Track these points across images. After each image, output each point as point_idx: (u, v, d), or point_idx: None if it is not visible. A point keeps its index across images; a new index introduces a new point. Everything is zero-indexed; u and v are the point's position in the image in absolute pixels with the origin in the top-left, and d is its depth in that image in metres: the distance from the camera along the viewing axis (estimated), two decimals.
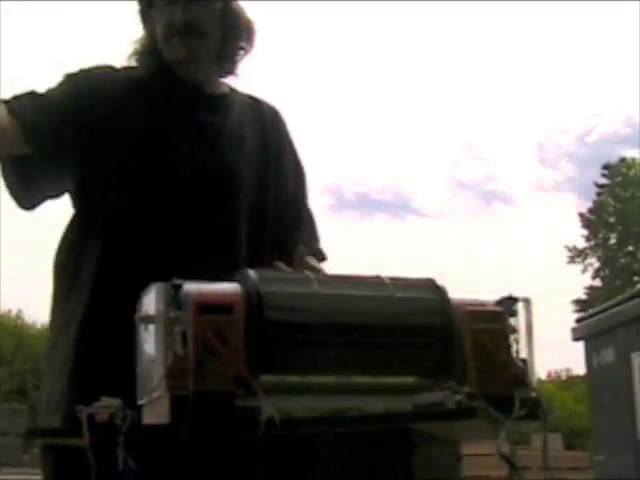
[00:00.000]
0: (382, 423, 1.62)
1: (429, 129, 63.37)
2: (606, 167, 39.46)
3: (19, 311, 33.16)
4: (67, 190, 2.27)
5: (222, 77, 2.38)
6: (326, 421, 1.62)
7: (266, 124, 2.42)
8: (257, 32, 2.37)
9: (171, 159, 2.23)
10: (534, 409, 1.58)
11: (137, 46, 2.33)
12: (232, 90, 2.41)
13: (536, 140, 62.32)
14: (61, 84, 2.27)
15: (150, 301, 1.54)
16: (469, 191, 70.99)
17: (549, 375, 38.29)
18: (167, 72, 2.30)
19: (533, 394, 1.61)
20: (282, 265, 2.10)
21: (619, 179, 38.59)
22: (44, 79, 2.30)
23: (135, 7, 2.34)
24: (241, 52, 2.36)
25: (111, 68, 2.34)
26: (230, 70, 2.37)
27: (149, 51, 2.30)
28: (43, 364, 2.38)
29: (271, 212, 2.35)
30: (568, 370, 38.50)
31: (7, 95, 2.18)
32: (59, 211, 2.32)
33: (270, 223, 2.34)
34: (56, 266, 2.29)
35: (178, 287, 1.50)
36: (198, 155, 2.25)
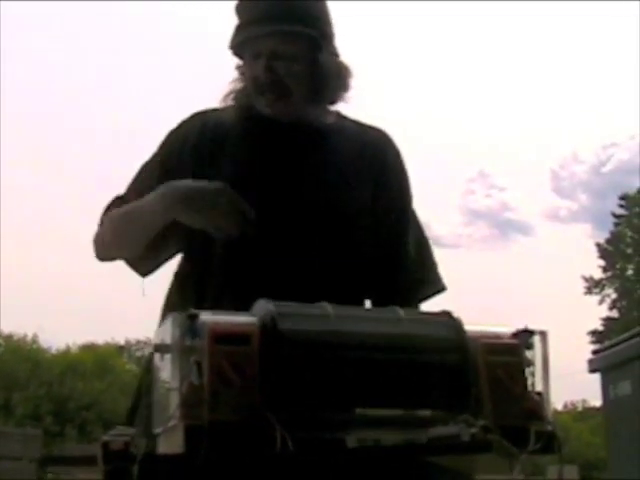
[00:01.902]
0: (397, 455, 1.62)
1: (442, 156, 63.41)
2: (623, 198, 39.35)
3: (35, 336, 33.28)
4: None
5: (325, 111, 2.35)
6: (341, 452, 1.62)
7: (368, 151, 2.35)
8: (352, 74, 2.32)
9: (270, 199, 2.23)
10: (549, 443, 1.58)
11: (233, 86, 2.33)
12: (339, 117, 2.38)
13: (550, 169, 62.31)
14: (160, 145, 2.35)
15: (166, 330, 1.55)
16: (483, 220, 70.92)
17: (565, 406, 38.13)
18: (259, 115, 2.29)
19: (549, 427, 1.60)
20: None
21: (637, 210, 38.47)
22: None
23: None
24: (338, 92, 2.32)
25: (205, 112, 2.36)
26: (334, 102, 2.34)
27: (244, 95, 2.30)
28: None
29: (370, 241, 2.31)
30: (584, 401, 38.34)
31: None
32: (74, 239, 2.34)
33: (369, 253, 2.31)
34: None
35: (194, 317, 1.50)
36: (297, 190, 2.24)
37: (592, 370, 5.56)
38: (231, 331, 1.49)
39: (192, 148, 2.29)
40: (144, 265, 2.32)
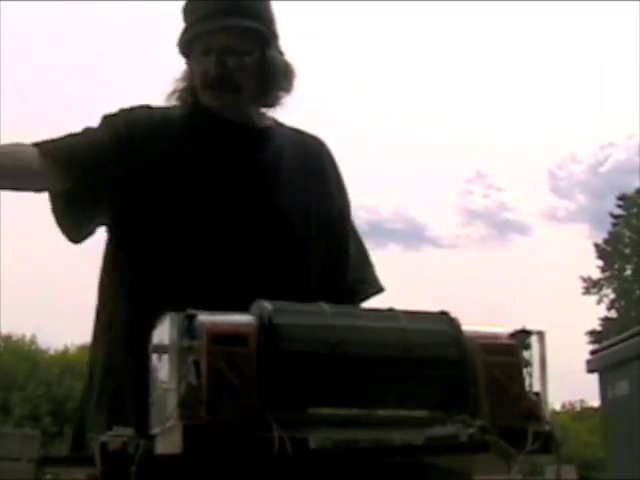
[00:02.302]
0: (394, 455, 1.62)
1: (439, 157, 63.43)
2: (621, 198, 39.38)
3: (33, 336, 33.28)
4: (104, 223, 2.30)
5: (265, 114, 2.38)
6: (339, 453, 1.62)
7: (308, 157, 2.42)
8: (297, 74, 2.36)
9: (215, 196, 2.25)
10: (547, 443, 1.58)
11: (178, 85, 2.34)
12: (276, 123, 2.41)
13: (547, 169, 62.33)
14: (100, 124, 2.30)
15: (164, 330, 1.55)
16: (481, 220, 70.97)
17: (563, 406, 38.14)
18: (207, 112, 2.31)
19: (546, 427, 1.60)
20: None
21: (635, 210, 38.49)
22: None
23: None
24: (281, 93, 2.35)
25: (149, 107, 2.36)
26: (272, 105, 2.37)
27: (190, 93, 2.31)
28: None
29: (315, 245, 2.35)
30: (582, 401, 38.36)
31: None
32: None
33: (315, 256, 2.35)
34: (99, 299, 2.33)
35: (192, 317, 1.50)
36: (242, 190, 2.27)
37: (590, 370, 5.56)
38: (229, 331, 1.49)
39: (147, 140, 2.27)
40: (76, 232, 2.28)
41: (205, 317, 1.51)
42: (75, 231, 2.26)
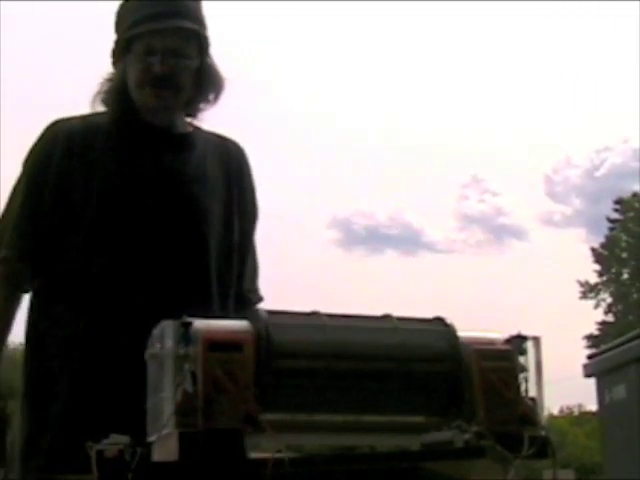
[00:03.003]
0: (391, 461, 1.62)
1: (435, 162, 63.42)
2: (618, 202, 39.35)
3: None
4: None
5: (186, 120, 2.41)
6: (336, 459, 1.62)
7: (230, 161, 2.45)
8: (225, 88, 2.39)
9: (138, 201, 2.27)
10: (543, 447, 1.58)
11: (106, 85, 2.34)
12: (196, 129, 2.43)
13: (543, 173, 62.31)
14: (20, 175, 2.35)
15: (160, 338, 1.55)
16: (477, 225, 70.98)
17: (561, 411, 38.09)
18: (132, 115, 2.32)
19: (542, 432, 1.61)
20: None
21: (631, 214, 38.47)
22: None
23: (109, 43, 2.35)
24: (208, 103, 2.39)
25: (71, 119, 2.37)
26: (193, 115, 2.41)
27: (118, 92, 2.31)
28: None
29: (236, 248, 2.39)
30: (580, 406, 38.31)
31: None
32: None
33: (236, 259, 2.39)
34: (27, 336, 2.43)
35: (188, 324, 1.50)
36: (164, 195, 2.29)
37: (587, 375, 5.55)
38: (224, 338, 1.49)
39: (58, 163, 2.30)
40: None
41: (201, 324, 1.51)
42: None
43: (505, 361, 1.62)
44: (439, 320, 1.68)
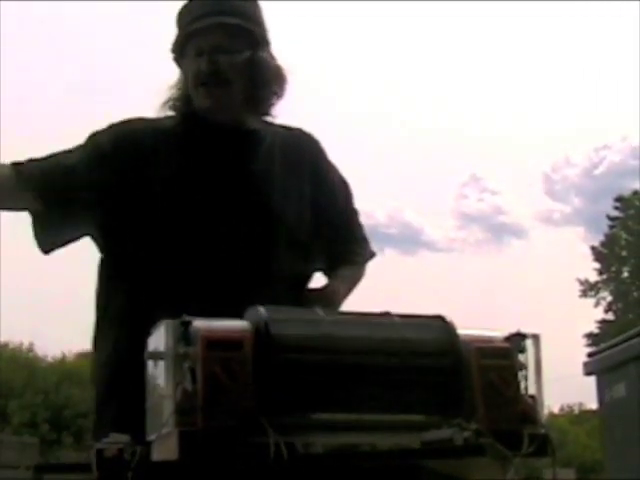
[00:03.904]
0: (391, 459, 1.62)
1: (434, 161, 63.42)
2: (618, 200, 39.36)
3: (31, 344, 33.19)
4: (89, 235, 2.34)
5: (255, 118, 2.40)
6: (335, 457, 1.62)
7: (302, 153, 2.46)
8: (287, 77, 2.40)
9: (203, 202, 2.29)
10: (543, 445, 1.58)
11: (172, 92, 2.38)
12: (265, 124, 2.43)
13: (542, 172, 62.30)
14: (85, 143, 2.34)
15: (160, 337, 1.55)
16: (477, 224, 70.96)
17: (562, 409, 38.09)
18: (197, 118, 2.35)
19: (542, 430, 1.61)
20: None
21: (632, 212, 38.49)
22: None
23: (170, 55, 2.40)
24: (274, 97, 2.39)
25: (141, 119, 2.40)
26: (264, 112, 2.41)
27: (182, 98, 2.36)
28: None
29: (316, 242, 2.40)
30: (581, 404, 38.32)
31: None
32: (72, 246, 2.35)
33: (315, 252, 2.41)
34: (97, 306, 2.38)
35: (187, 323, 1.50)
36: (230, 194, 2.31)
37: (587, 373, 5.56)
38: (224, 337, 1.49)
39: (134, 150, 2.32)
40: (47, 242, 2.33)
41: (200, 323, 1.51)
42: (45, 245, 2.32)
43: (505, 359, 1.62)
44: (439, 318, 1.68)
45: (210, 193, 2.30)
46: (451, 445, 1.55)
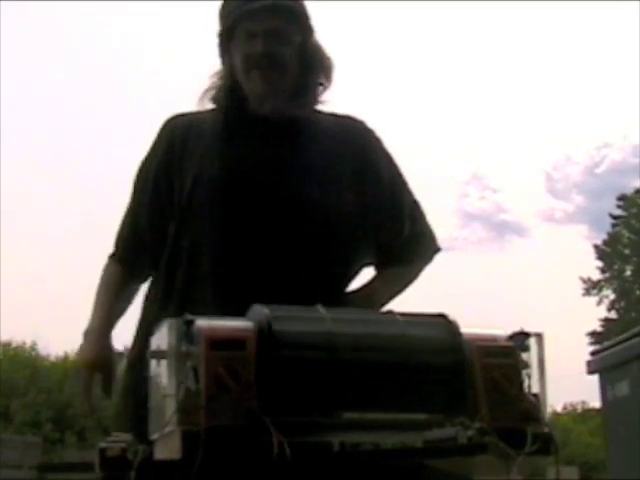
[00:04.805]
0: (394, 458, 1.62)
1: (436, 159, 63.36)
2: (621, 198, 39.33)
3: (33, 343, 33.19)
4: None
5: (303, 107, 2.35)
6: (338, 456, 1.62)
7: (352, 142, 2.38)
8: (335, 68, 2.36)
9: (241, 193, 2.25)
10: (546, 444, 1.58)
11: (215, 79, 2.34)
12: (314, 113, 2.38)
13: (543, 170, 62.22)
14: (139, 180, 2.41)
15: (162, 336, 1.55)
16: (479, 222, 70.88)
17: (565, 408, 38.03)
18: (243, 108, 2.31)
19: (545, 429, 1.61)
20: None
21: (634, 210, 38.46)
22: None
23: (215, 41, 2.35)
24: (320, 87, 2.35)
25: (181, 116, 2.40)
26: (312, 102, 2.36)
27: (227, 86, 2.32)
28: None
29: (362, 237, 2.35)
30: (584, 402, 38.24)
31: None
32: (73, 246, 2.36)
33: (362, 247, 2.36)
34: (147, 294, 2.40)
35: (190, 322, 1.50)
36: (269, 185, 2.26)
37: (591, 371, 5.55)
38: (227, 336, 1.49)
39: (180, 147, 2.32)
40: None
41: (203, 322, 1.51)
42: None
43: (508, 358, 1.62)
44: (442, 316, 1.68)
45: (248, 187, 2.26)
46: (454, 444, 1.55)
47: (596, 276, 38.37)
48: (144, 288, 2.41)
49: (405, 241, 2.41)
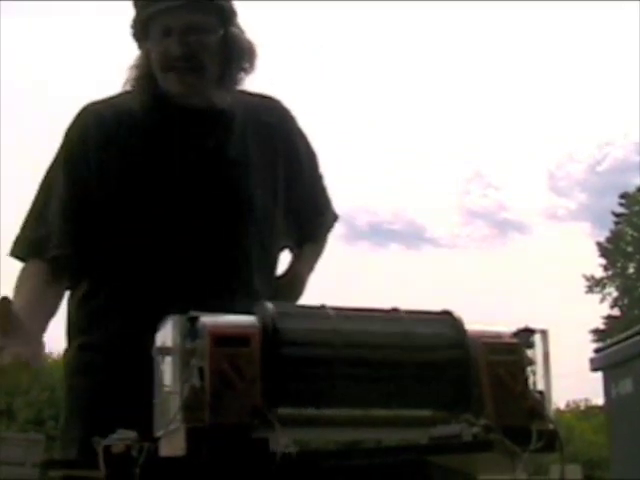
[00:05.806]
0: (398, 455, 1.62)
1: (438, 157, 63.36)
2: (624, 196, 39.30)
3: None
4: None
5: (226, 95, 2.28)
6: (342, 453, 1.62)
7: (274, 127, 2.36)
8: (258, 52, 2.29)
9: (173, 189, 2.21)
10: (551, 441, 1.58)
11: (133, 72, 2.25)
12: (236, 94, 2.30)
13: (546, 168, 62.22)
14: (56, 164, 2.29)
15: (167, 333, 1.55)
16: (481, 220, 70.86)
17: (568, 405, 38.01)
18: (164, 100, 2.23)
19: (550, 426, 1.60)
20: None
21: (637, 208, 38.43)
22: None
23: (128, 30, 2.24)
24: (243, 74, 2.28)
25: (98, 104, 2.31)
26: (233, 92, 2.29)
27: (145, 79, 2.22)
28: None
29: (289, 221, 2.36)
30: (587, 400, 38.21)
31: None
32: None
33: (288, 231, 2.36)
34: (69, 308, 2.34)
35: (195, 319, 1.50)
36: (203, 181, 2.22)
37: (594, 369, 5.55)
38: (231, 333, 1.49)
39: (93, 156, 2.23)
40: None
41: (207, 319, 1.51)
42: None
43: (513, 354, 1.61)
44: (447, 313, 1.68)
45: (179, 180, 2.21)
46: (459, 441, 1.55)
47: (599, 274, 38.37)
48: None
49: (317, 219, 2.46)
